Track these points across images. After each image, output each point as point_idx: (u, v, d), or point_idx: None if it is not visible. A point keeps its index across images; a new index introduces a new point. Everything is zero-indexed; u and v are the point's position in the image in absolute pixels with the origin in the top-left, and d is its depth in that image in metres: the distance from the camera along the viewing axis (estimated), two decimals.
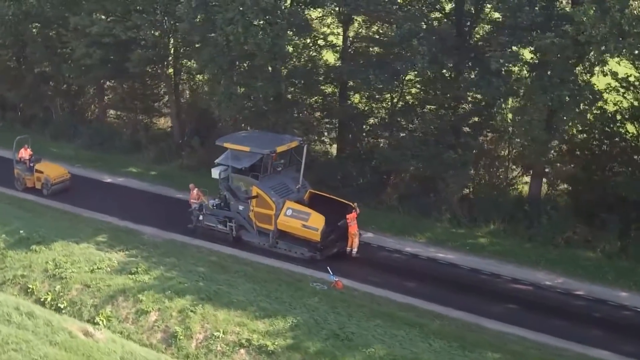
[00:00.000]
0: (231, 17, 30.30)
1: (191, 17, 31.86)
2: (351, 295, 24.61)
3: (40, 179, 34.18)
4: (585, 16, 21.46)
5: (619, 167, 31.43)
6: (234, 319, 22.99)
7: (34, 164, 34.46)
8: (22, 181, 34.60)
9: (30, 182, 34.49)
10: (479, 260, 27.44)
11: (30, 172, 34.44)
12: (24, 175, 34.47)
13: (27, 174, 34.48)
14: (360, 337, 21.62)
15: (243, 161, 27.51)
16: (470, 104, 30.78)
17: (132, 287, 25.15)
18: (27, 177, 34.47)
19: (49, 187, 33.86)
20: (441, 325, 22.54)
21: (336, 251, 27.12)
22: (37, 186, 34.37)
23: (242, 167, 27.48)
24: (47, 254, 27.77)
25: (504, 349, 21.09)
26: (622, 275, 25.97)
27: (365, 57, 35.39)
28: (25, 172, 34.46)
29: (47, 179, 33.87)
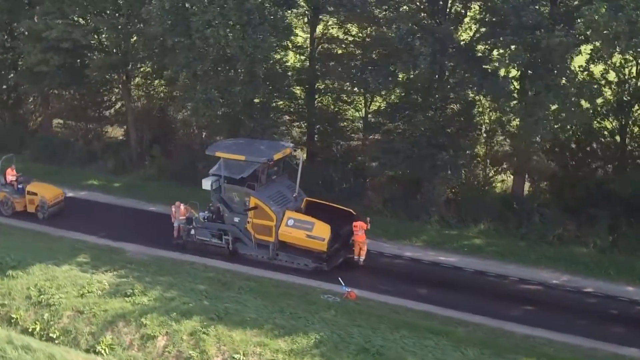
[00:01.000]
0: (210, 20, 28.88)
1: (163, 20, 30.13)
2: (367, 305, 23.80)
3: (34, 202, 30.91)
4: (597, 14, 21.46)
5: (600, 164, 32.15)
6: (251, 339, 21.75)
7: (24, 185, 31.33)
8: (10, 205, 31.12)
9: (20, 206, 31.17)
10: (480, 262, 27.22)
11: (20, 195, 31.15)
12: (13, 198, 31.09)
13: (17, 197, 31.12)
14: (391, 350, 20.86)
15: (240, 171, 26.20)
16: (458, 105, 30.51)
17: (131, 310, 23.46)
18: (17, 201, 31.10)
19: (45, 210, 30.73)
20: (467, 332, 22.07)
21: (342, 260, 26.22)
22: (29, 209, 31.09)
23: (241, 177, 26.13)
24: (26, 279, 25.63)
25: (536, 353, 20.81)
26: (623, 270, 26.27)
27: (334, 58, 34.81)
28: (14, 194, 31.14)
29: (43, 201, 30.68)
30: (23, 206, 31.19)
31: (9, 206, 31.17)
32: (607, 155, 31.78)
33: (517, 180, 32.33)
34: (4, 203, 31.28)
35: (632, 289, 25.14)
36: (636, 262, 26.83)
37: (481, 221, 30.37)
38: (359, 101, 36.58)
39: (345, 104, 36.44)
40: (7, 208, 31.24)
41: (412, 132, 30.13)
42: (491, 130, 31.92)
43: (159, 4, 30.03)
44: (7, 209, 31.26)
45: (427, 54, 25.05)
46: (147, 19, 32.01)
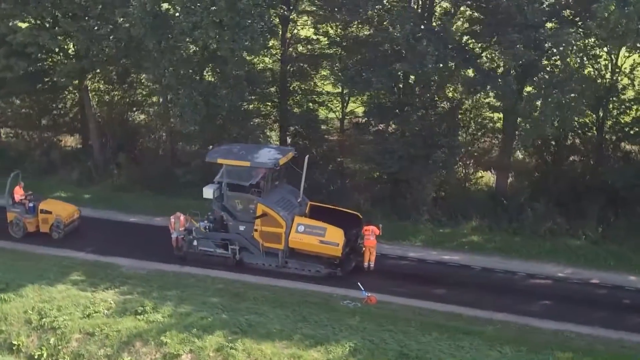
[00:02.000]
0: (198, 21, 27.82)
1: (145, 22, 28.79)
2: (389, 309, 23.46)
3: (47, 221, 28.60)
4: (607, 12, 21.95)
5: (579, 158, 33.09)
6: (283, 351, 21.08)
7: (35, 203, 28.91)
8: (21, 226, 28.66)
9: (32, 226, 28.73)
10: (485, 259, 27.39)
11: (31, 214, 28.71)
12: (24, 218, 28.66)
13: (28, 217, 28.66)
14: (429, 354, 20.67)
15: (247, 177, 25.32)
16: (448, 104, 30.68)
17: (147, 329, 22.29)
18: (28, 221, 28.64)
19: (61, 230, 28.51)
20: (496, 331, 22.09)
21: (355, 265, 25.80)
22: (42, 229, 28.76)
23: (250, 184, 25.24)
24: (20, 302, 23.96)
25: (571, 348, 21.04)
26: (620, 260, 27.02)
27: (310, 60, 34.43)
28: (25, 214, 28.70)
29: (58, 219, 28.47)
30: (35, 226, 28.80)
31: (20, 227, 28.72)
32: (587, 148, 32.75)
33: (501, 177, 32.83)
34: (15, 224, 28.77)
35: (634, 278, 25.87)
36: (629, 251, 27.67)
37: (472, 218, 30.63)
38: (333, 103, 36.30)
39: (319, 105, 36.05)
40: (18, 229, 28.79)
41: (406, 132, 29.91)
42: (480, 129, 32.20)
43: (139, 6, 28.62)
44: (18, 231, 28.81)
45: (432, 53, 24.94)
46: (121, 22, 30.58)
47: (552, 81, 25.23)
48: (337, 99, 36.15)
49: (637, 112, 30.72)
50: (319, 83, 35.98)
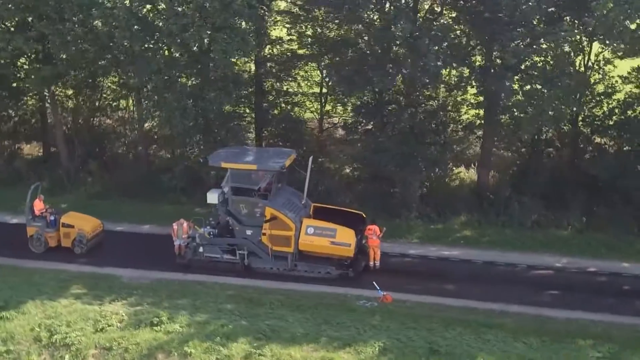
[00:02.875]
0: (189, 22, 27.25)
1: (130, 24, 27.99)
2: (406, 307, 23.65)
3: (69, 235, 27.44)
4: (606, 9, 22.82)
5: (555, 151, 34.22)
6: (312, 355, 20.94)
7: (57, 216, 27.69)
8: (42, 241, 27.49)
9: (54, 241, 27.62)
10: (483, 253, 27.91)
11: (53, 228, 27.56)
12: (46, 232, 27.50)
13: (50, 231, 27.52)
14: (457, 349, 20.96)
15: (254, 181, 24.98)
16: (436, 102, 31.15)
17: (167, 340, 21.71)
18: (50, 235, 27.53)
19: (84, 244, 27.35)
20: (514, 322, 22.56)
21: (365, 264, 25.84)
22: (64, 244, 27.62)
23: (260, 187, 24.91)
24: (24, 319, 22.90)
25: (589, 335, 21.71)
26: (611, 248, 28.05)
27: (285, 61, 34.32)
28: (47, 228, 27.51)
29: (81, 234, 27.32)
30: (57, 241, 27.69)
31: (41, 242, 27.54)
32: (563, 142, 33.90)
33: (482, 173, 33.57)
34: (36, 239, 27.57)
35: (627, 264, 26.94)
36: (615, 239, 28.77)
37: (459, 214, 31.22)
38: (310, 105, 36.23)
39: (294, 106, 35.89)
40: (39, 244, 27.60)
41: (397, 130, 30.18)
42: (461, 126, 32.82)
43: (124, 8, 27.78)
44: (39, 246, 27.62)
45: (434, 52, 25.29)
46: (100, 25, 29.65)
47: (548, 77, 25.96)
48: (315, 100, 36.09)
49: (609, 105, 31.97)
50: (295, 84, 35.82)
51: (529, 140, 32.71)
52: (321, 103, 35.82)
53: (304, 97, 36.07)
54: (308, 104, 36.28)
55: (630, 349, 20.90)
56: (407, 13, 26.58)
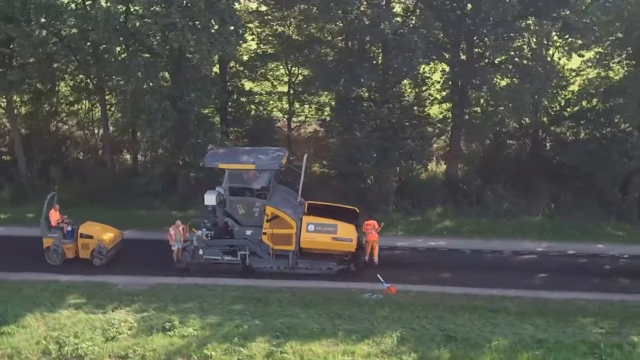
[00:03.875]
0: (172, 23, 26.89)
1: (110, 25, 27.36)
2: (410, 297, 24.25)
3: (88, 246, 26.44)
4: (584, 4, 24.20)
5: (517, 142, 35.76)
6: (334, 349, 21.21)
7: (74, 227, 26.61)
8: (59, 252, 26.47)
9: (71, 252, 26.60)
10: (468, 242, 28.92)
11: (70, 239, 26.53)
12: (63, 244, 26.45)
13: (67, 242, 26.49)
14: (471, 333, 21.73)
15: (254, 181, 24.98)
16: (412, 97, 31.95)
17: (184, 344, 21.48)
18: (67, 246, 26.49)
19: (103, 255, 26.36)
20: (516, 305, 23.58)
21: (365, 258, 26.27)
22: (82, 255, 26.63)
23: (262, 187, 24.91)
24: (27, 333, 22.13)
25: (588, 313, 22.95)
26: (584, 232, 29.71)
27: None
28: (64, 239, 26.48)
29: (100, 245, 26.32)
30: (74, 252, 26.69)
31: (58, 254, 26.52)
32: (523, 133, 35.48)
33: (451, 165, 34.71)
34: (53, 251, 26.52)
35: (602, 245, 28.58)
36: (584, 223, 30.46)
37: (435, 206, 32.20)
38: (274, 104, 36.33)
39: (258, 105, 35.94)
40: (56, 256, 26.56)
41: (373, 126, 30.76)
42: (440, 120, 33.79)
43: (104, 9, 27.14)
44: (55, 258, 26.59)
45: (422, 49, 26.03)
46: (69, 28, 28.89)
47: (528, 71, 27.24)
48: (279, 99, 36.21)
49: (565, 97, 33.69)
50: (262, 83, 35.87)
51: (493, 132, 34.00)
52: (290, 102, 35.96)
53: (269, 97, 36.12)
54: (272, 102, 36.28)
55: (628, 324, 22.28)
56: (388, 10, 27.14)
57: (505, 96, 28.63)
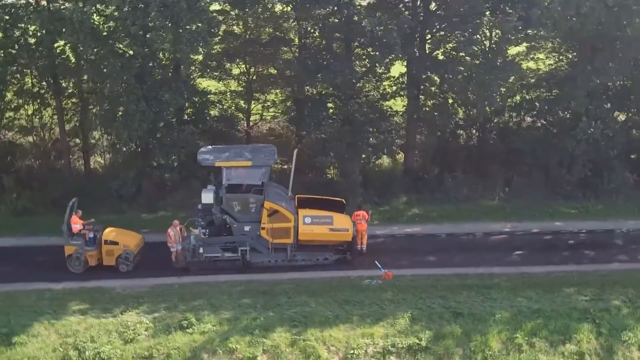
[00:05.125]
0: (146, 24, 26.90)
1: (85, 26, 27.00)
2: (408, 280, 25.50)
3: (112, 253, 25.83)
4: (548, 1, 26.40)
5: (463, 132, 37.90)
6: (353, 333, 22.29)
7: (97, 233, 25.93)
8: (82, 260, 25.78)
9: (94, 259, 25.97)
10: (441, 227, 30.43)
11: (93, 246, 25.81)
12: (86, 251, 25.73)
13: (90, 249, 25.79)
14: (475, 309, 23.33)
15: (253, 177, 25.46)
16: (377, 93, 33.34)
17: (206, 340, 21.90)
18: (90, 254, 25.79)
19: (130, 261, 25.85)
20: (506, 281, 25.32)
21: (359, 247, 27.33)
22: (106, 262, 26.03)
23: (262, 182, 25.41)
24: (40, 341, 21.94)
25: (571, 283, 24.93)
26: (541, 212, 31.75)
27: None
28: (87, 246, 25.77)
29: (127, 251, 25.76)
30: (97, 259, 26.07)
31: (80, 261, 25.85)
32: (470, 123, 37.66)
33: (409, 156, 36.39)
34: (76, 258, 25.84)
35: (560, 223, 30.97)
36: (539, 204, 32.79)
37: (399, 195, 33.74)
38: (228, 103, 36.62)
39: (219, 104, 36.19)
40: (78, 264, 25.89)
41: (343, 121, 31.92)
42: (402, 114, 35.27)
43: (79, 10, 26.73)
44: (77, 265, 25.91)
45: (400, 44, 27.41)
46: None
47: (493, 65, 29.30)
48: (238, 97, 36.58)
49: (514, 87, 36.16)
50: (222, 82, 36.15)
51: (447, 124, 35.92)
52: (249, 101, 36.38)
53: (224, 96, 36.38)
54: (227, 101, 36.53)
55: (607, 290, 24.53)
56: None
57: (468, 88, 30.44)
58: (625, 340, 22.31)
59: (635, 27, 28.92)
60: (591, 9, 27.21)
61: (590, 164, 33.09)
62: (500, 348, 22.02)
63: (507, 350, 21.99)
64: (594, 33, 29.58)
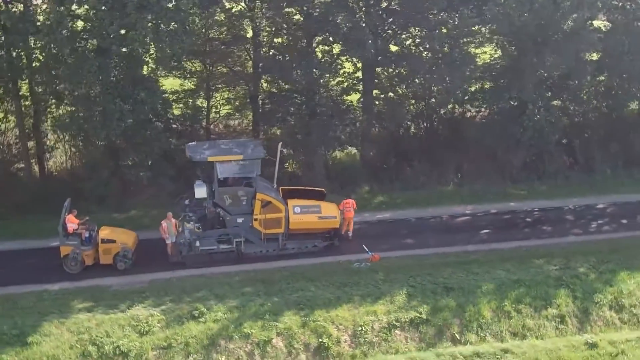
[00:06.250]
0: (132, 22, 27.25)
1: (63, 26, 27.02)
2: (393, 262, 27.09)
3: (110, 251, 25.79)
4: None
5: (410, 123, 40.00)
6: (357, 312, 23.80)
7: (92, 232, 25.99)
8: (79, 260, 25.64)
9: (91, 259, 25.91)
10: (408, 212, 32.09)
11: (89, 246, 25.66)
12: (82, 250, 25.55)
13: (87, 249, 25.63)
14: (462, 282, 25.43)
15: (248, 170, 26.37)
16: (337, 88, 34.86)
17: (220, 327, 22.89)
18: (87, 253, 25.64)
19: (128, 259, 25.92)
20: (482, 257, 27.39)
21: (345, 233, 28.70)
22: (103, 261, 25.99)
23: (257, 175, 26.31)
24: (54, 340, 22.26)
25: (539, 255, 27.37)
26: (495, 194, 34.06)
27: None
28: (83, 246, 25.57)
29: (125, 248, 25.82)
30: (94, 258, 25.95)
31: (77, 262, 25.71)
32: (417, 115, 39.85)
33: (365, 148, 38.10)
34: (72, 259, 25.64)
35: (513, 204, 33.44)
36: (490, 187, 35.18)
37: (361, 185, 35.40)
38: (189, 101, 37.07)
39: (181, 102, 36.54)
40: (74, 264, 25.74)
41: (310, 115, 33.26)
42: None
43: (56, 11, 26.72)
44: (74, 266, 25.76)
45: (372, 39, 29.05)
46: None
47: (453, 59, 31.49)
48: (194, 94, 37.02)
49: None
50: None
51: (402, 116, 37.93)
52: (208, 98, 36.93)
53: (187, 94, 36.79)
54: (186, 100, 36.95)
55: (572, 260, 27.14)
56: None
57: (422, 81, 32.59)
58: (597, 301, 24.99)
59: (576, 22, 31.78)
60: (542, 6, 29.80)
61: (533, 149, 35.92)
62: (492, 316, 24.16)
63: (498, 318, 24.16)
64: (539, 28, 32.25)
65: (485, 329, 23.85)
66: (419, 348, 23.13)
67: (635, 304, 25.25)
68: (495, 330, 23.88)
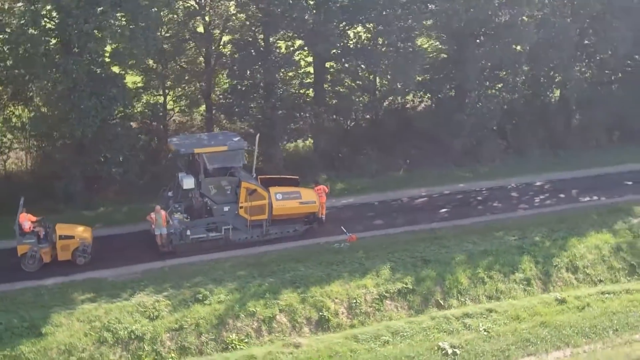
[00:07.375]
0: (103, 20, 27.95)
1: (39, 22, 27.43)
2: (369, 241, 29.02)
3: (68, 247, 25.89)
4: None
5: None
6: (349, 287, 25.66)
7: (48, 230, 26.06)
8: (37, 258, 25.65)
9: (49, 256, 25.94)
10: (369, 196, 34.06)
11: (47, 243, 25.75)
12: (40, 248, 25.53)
13: (44, 246, 25.64)
14: (436, 256, 27.70)
15: (231, 160, 27.55)
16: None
17: (226, 308, 24.17)
18: (44, 250, 25.58)
19: (87, 253, 26.22)
20: (449, 232, 29.75)
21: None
22: (61, 257, 26.08)
23: (243, 164, 27.54)
24: (66, 330, 22.84)
25: (497, 228, 30.15)
26: (444, 177, 36.88)
27: None
28: (40, 244, 25.53)
29: (84, 243, 26.08)
30: (51, 255, 25.90)
31: (35, 259, 25.65)
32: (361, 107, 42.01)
33: (318, 139, 39.93)
34: (31, 257, 25.47)
35: (463, 185, 36.18)
36: (437, 171, 37.97)
37: (318, 174, 37.21)
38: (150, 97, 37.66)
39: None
40: (33, 262, 25.65)
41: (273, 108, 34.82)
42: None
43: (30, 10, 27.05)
44: (33, 264, 25.62)
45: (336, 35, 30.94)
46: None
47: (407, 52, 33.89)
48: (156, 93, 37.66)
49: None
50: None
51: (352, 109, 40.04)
52: (164, 94, 37.60)
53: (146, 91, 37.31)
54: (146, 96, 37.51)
55: (527, 231, 30.07)
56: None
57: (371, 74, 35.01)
58: (555, 265, 28.03)
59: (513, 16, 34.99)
60: (486, 2, 32.71)
61: (473, 135, 38.92)
62: (468, 283, 26.66)
63: (474, 284, 26.69)
64: (479, 22, 35.21)
65: (464, 294, 26.31)
66: (409, 314, 25.27)
67: (587, 265, 28.45)
68: (473, 295, 26.39)
